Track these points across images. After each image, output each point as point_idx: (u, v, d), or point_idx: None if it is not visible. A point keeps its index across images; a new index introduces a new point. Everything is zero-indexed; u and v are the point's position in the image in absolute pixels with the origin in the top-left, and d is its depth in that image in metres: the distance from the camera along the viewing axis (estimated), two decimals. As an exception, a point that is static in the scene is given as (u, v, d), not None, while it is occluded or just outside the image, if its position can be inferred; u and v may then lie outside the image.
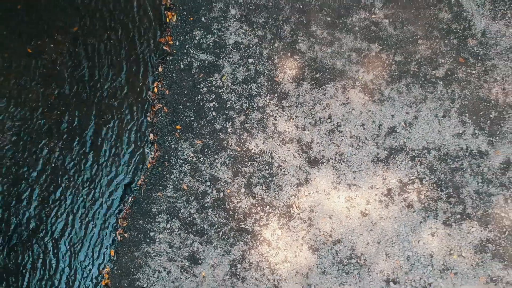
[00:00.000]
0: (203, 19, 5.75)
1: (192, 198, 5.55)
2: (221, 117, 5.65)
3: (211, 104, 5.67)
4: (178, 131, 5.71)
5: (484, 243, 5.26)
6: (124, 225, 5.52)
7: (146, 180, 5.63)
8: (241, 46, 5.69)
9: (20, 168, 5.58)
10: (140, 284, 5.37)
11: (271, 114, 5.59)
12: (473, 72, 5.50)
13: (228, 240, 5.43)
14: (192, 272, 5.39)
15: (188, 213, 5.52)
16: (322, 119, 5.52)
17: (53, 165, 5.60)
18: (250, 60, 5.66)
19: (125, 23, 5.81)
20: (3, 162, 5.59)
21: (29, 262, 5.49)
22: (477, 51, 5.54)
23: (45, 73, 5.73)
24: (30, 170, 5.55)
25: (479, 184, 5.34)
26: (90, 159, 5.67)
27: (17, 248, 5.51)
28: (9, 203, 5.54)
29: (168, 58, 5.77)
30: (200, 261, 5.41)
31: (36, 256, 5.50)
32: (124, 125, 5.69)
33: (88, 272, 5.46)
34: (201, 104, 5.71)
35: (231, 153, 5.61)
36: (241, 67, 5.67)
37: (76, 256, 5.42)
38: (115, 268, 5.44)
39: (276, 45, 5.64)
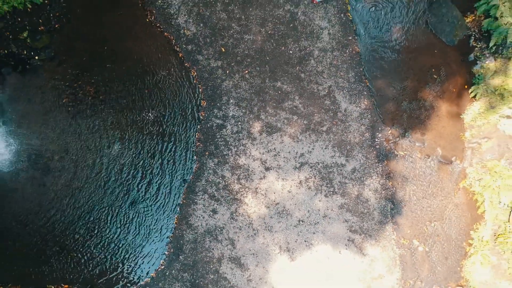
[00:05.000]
0: (218, 104, 12.47)
1: (213, 185, 12.20)
2: (226, 148, 12.31)
3: (221, 143, 12.34)
4: (207, 155, 12.40)
5: (343, 204, 11.79)
6: (183, 197, 12.24)
7: (193, 177, 12.34)
8: (235, 116, 12.37)
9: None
10: (191, 222, 12.04)
11: (248, 147, 12.23)
12: (340, 128, 12.07)
13: (230, 203, 12.05)
14: (213, 217, 12.02)
15: (212, 191, 12.16)
16: (271, 149, 12.15)
17: (153, 174, 12.39)
18: (239, 123, 12.35)
19: (184, 107, 12.57)
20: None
21: (140, 209, 12.25)
22: (342, 118, 12.11)
23: (147, 132, 12.55)
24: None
25: (342, 178, 11.89)
26: (169, 167, 12.42)
27: (134, 206, 12.26)
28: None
29: (202, 122, 12.53)
30: (217, 212, 12.03)
31: (142, 210, 12.25)
32: (182, 153, 12.43)
33: (170, 214, 12.18)
34: (217, 142, 12.38)
35: (231, 164, 12.24)
36: (235, 125, 12.36)
37: (163, 210, 12.17)
38: (180, 215, 12.14)
39: (251, 116, 12.32)
